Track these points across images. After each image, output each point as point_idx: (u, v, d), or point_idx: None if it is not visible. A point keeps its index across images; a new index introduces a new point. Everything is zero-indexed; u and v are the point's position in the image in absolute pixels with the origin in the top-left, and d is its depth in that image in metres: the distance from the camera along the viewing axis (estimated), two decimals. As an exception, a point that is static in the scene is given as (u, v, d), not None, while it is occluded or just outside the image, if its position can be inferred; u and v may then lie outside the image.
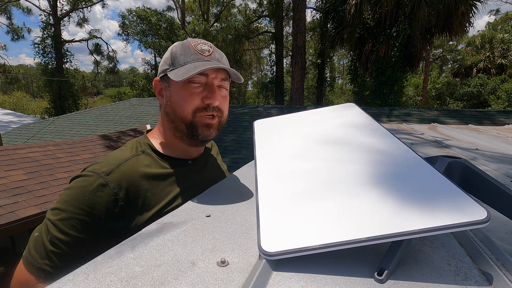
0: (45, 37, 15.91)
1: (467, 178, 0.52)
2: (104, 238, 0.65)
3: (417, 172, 0.52)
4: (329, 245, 0.41)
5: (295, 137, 0.77)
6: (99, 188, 0.65)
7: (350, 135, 0.72)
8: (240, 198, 0.69)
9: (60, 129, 8.81)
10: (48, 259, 0.63)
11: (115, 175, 0.68)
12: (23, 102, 26.04)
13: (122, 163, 0.71)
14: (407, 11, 8.94)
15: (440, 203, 0.43)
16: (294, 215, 0.48)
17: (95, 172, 0.67)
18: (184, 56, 0.75)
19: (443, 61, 29.70)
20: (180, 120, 0.75)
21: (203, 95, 0.75)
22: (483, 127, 2.56)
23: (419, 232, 0.39)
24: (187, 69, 0.72)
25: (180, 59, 0.75)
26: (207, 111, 0.74)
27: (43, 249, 0.64)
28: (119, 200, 0.67)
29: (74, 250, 0.64)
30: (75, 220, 0.64)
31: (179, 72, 0.73)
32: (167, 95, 0.78)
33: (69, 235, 0.63)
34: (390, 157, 0.59)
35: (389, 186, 0.50)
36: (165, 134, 0.82)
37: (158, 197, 0.72)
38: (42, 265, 0.63)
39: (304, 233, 0.44)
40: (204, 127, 0.76)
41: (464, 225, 0.38)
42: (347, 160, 0.61)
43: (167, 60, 0.77)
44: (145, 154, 0.77)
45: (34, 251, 0.64)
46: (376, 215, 0.44)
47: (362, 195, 0.49)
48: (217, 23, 18.13)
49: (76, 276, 0.38)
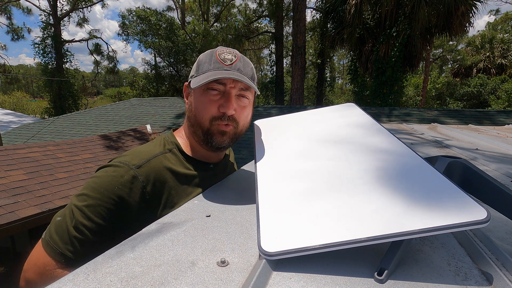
0: (45, 37, 15.90)
1: (467, 178, 0.52)
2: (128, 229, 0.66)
3: (417, 172, 0.52)
4: (329, 245, 0.41)
5: (295, 137, 0.77)
6: (129, 180, 0.67)
7: (350, 135, 0.72)
8: (240, 198, 0.69)
9: (60, 129, 8.81)
10: (71, 245, 0.63)
11: (145, 169, 0.70)
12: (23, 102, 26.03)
13: (151, 158, 0.73)
14: (407, 11, 8.94)
15: (440, 203, 0.43)
16: (294, 215, 0.48)
17: (126, 164, 0.69)
18: (208, 64, 0.78)
19: (443, 61, 29.70)
20: (198, 126, 0.78)
21: (220, 103, 0.76)
22: (483, 127, 2.56)
23: (419, 232, 0.39)
24: (204, 77, 0.74)
25: (203, 67, 0.78)
26: (222, 120, 0.76)
27: (67, 234, 0.64)
28: (146, 194, 0.68)
29: (97, 238, 0.64)
30: (103, 208, 0.64)
31: (198, 79, 0.75)
32: (190, 100, 0.81)
33: (95, 222, 0.64)
34: (390, 158, 0.59)
35: (390, 186, 0.50)
36: (189, 136, 0.84)
37: (180, 196, 0.74)
38: (64, 250, 0.63)
39: (304, 233, 0.44)
40: (218, 134, 0.77)
41: (464, 225, 0.38)
42: (348, 160, 0.61)
43: (195, 66, 0.81)
44: (172, 153, 0.79)
45: (56, 235, 0.64)
46: (377, 215, 0.44)
47: (363, 195, 0.49)
48: (217, 23, 18.13)
49: (76, 276, 0.38)
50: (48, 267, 0.63)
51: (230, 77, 0.73)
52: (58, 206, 3.46)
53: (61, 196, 3.69)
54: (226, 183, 0.83)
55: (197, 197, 0.71)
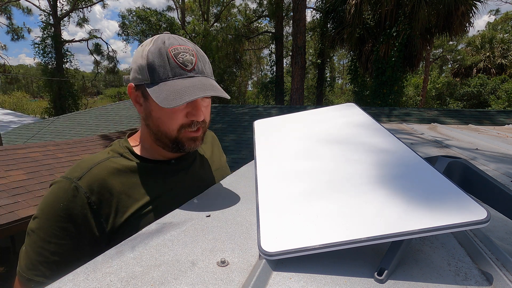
0: (45, 37, 15.91)
1: (467, 178, 0.52)
2: (86, 243, 0.65)
3: (417, 172, 0.52)
4: (329, 245, 0.41)
5: (295, 137, 0.77)
6: (71, 193, 0.65)
7: (350, 135, 0.72)
8: (240, 198, 0.69)
9: (60, 129, 8.81)
10: (36, 269, 0.62)
11: (86, 179, 0.67)
12: (23, 102, 26.04)
13: (93, 166, 0.69)
14: (407, 11, 8.94)
15: (440, 203, 0.43)
16: (294, 215, 0.49)
17: (67, 178, 0.67)
18: (164, 69, 0.67)
19: (443, 61, 29.69)
20: (164, 136, 0.73)
21: (187, 110, 0.71)
22: (483, 127, 2.56)
23: (419, 232, 0.39)
24: (170, 92, 0.64)
25: (159, 72, 0.67)
26: (191, 127, 0.72)
27: (30, 260, 0.63)
28: (92, 204, 0.65)
29: (59, 257, 0.63)
30: (54, 227, 0.63)
31: (161, 94, 0.65)
32: (147, 108, 0.72)
33: (51, 242, 0.63)
34: (390, 158, 0.59)
35: (390, 186, 0.50)
36: (146, 139, 0.80)
37: (134, 198, 0.70)
38: (32, 276, 0.62)
39: (304, 233, 0.44)
40: (190, 141, 0.74)
41: (464, 225, 0.38)
42: (348, 160, 0.61)
43: (143, 69, 0.68)
44: (122, 157, 0.75)
45: (23, 263, 0.64)
46: (376, 215, 0.44)
47: (363, 195, 0.49)
48: (217, 23, 18.11)
49: (76, 276, 0.38)
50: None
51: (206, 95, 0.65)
52: (58, 206, 3.45)
53: (61, 196, 3.68)
54: (226, 183, 0.83)
55: (197, 197, 0.70)
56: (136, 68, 0.70)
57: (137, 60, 0.70)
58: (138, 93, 0.73)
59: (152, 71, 0.67)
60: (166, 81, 0.67)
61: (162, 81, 0.67)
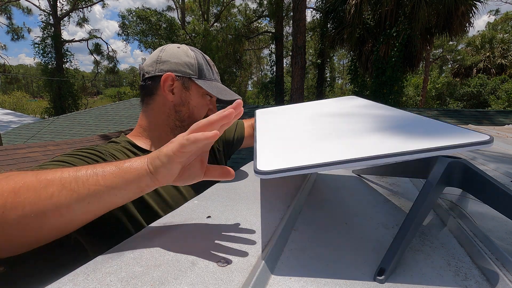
0: (45, 37, 15.91)
1: (467, 178, 0.52)
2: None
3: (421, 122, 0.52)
4: (325, 163, 0.39)
5: (297, 114, 0.79)
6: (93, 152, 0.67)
7: (354, 110, 0.73)
8: (240, 199, 0.69)
9: (60, 129, 8.81)
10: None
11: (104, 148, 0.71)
12: (23, 102, 26.03)
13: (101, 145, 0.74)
14: (407, 11, 8.94)
15: (443, 132, 0.43)
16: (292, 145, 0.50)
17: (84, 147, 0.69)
18: (208, 72, 0.86)
19: (443, 61, 29.69)
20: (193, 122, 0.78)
21: (209, 107, 0.87)
22: (483, 127, 2.56)
23: (421, 151, 0.37)
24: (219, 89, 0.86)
25: (206, 73, 0.85)
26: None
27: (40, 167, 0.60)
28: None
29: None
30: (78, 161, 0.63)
31: (212, 88, 0.83)
32: (184, 97, 0.83)
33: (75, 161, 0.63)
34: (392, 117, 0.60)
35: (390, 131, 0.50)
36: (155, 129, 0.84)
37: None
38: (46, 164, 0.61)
39: (300, 155, 0.44)
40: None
41: (467, 145, 0.37)
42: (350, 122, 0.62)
43: (191, 65, 0.83)
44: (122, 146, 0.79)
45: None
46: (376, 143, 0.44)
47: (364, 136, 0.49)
48: (217, 23, 18.12)
49: (76, 276, 0.38)
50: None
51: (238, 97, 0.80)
52: (58, 206, 3.44)
53: (61, 196, 3.67)
54: (226, 183, 0.83)
55: (197, 197, 0.70)
56: (179, 62, 0.83)
57: (180, 57, 0.83)
58: (177, 83, 0.82)
59: (201, 70, 0.84)
60: (211, 81, 0.86)
61: (207, 79, 0.85)
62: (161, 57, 0.83)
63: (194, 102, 0.84)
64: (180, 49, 0.85)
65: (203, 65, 0.85)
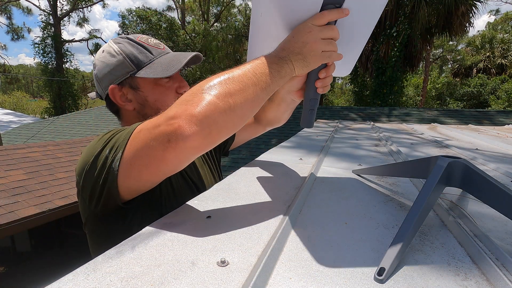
0: (45, 37, 15.91)
1: (467, 178, 0.52)
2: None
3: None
4: None
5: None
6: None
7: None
8: (240, 199, 0.69)
9: (60, 129, 8.81)
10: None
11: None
12: (23, 102, 26.04)
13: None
14: (407, 11, 8.95)
15: None
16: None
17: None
18: (143, 54, 0.75)
19: (443, 61, 29.68)
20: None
21: (175, 86, 0.78)
22: (483, 127, 2.56)
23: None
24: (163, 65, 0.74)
25: (140, 58, 0.75)
26: None
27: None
28: None
29: None
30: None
31: (155, 70, 0.73)
32: (139, 98, 0.77)
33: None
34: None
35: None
36: None
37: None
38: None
39: None
40: None
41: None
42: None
43: (122, 63, 0.74)
44: None
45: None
46: None
47: None
48: (217, 23, 18.12)
49: (76, 276, 0.38)
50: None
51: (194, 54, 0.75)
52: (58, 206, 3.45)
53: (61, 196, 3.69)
54: (226, 183, 0.83)
55: (197, 197, 0.70)
56: (110, 69, 0.75)
57: (108, 62, 0.76)
58: (124, 89, 0.77)
59: (134, 60, 0.74)
60: (152, 62, 0.75)
61: (146, 64, 0.75)
62: (97, 75, 0.78)
63: (152, 96, 0.76)
64: (105, 52, 0.77)
65: (134, 53, 0.75)
